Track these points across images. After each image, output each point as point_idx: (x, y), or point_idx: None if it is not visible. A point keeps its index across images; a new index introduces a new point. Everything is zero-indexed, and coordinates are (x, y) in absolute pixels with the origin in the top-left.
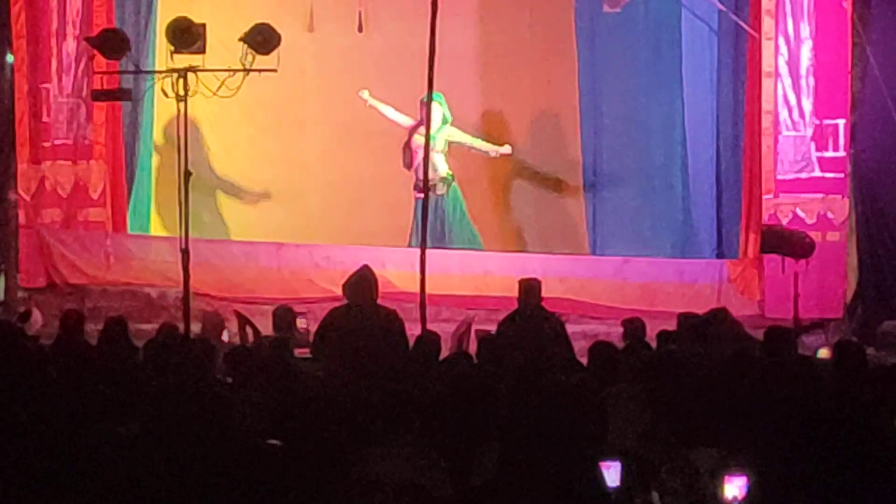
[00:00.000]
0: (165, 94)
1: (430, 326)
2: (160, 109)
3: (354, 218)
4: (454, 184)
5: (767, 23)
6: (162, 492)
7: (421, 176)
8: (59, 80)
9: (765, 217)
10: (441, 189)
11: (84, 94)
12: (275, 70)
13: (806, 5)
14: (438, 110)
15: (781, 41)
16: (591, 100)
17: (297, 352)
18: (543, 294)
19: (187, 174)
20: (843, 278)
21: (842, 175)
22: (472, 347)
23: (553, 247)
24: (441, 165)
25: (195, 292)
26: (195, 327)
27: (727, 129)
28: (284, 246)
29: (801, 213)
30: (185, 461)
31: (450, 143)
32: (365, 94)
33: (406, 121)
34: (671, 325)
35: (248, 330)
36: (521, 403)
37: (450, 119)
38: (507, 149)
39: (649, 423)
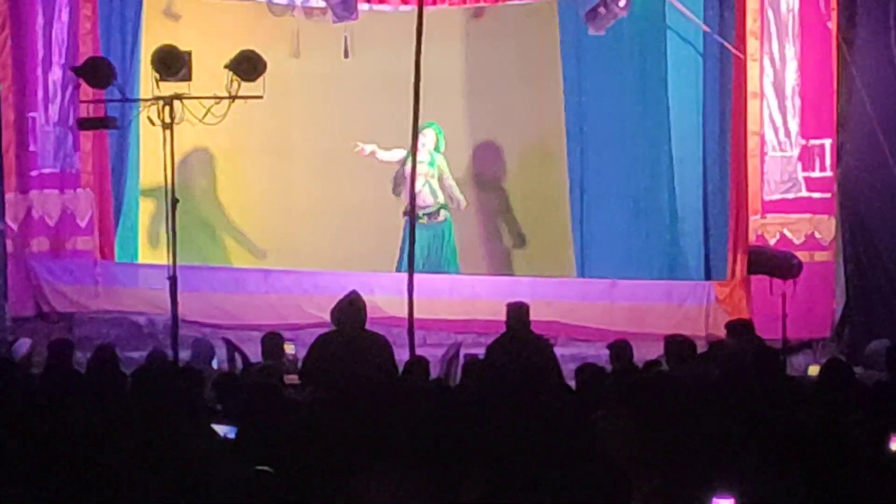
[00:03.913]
0: (152, 122)
1: (418, 351)
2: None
3: (342, 243)
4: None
5: (752, 44)
6: None
7: (419, 202)
8: (46, 108)
9: (752, 238)
10: (442, 216)
11: (70, 122)
12: (261, 97)
13: (791, 26)
14: (433, 137)
15: (767, 62)
16: (577, 122)
17: (286, 378)
18: (532, 317)
19: (174, 201)
20: (831, 298)
21: (829, 195)
22: (461, 372)
23: (541, 270)
24: (438, 192)
25: (184, 320)
26: (184, 355)
27: (713, 150)
28: (272, 272)
29: (788, 234)
30: (173, 489)
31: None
32: (371, 148)
33: (400, 153)
34: (660, 347)
35: (237, 357)
36: (509, 427)
37: (442, 149)
38: (464, 203)
39: (637, 446)
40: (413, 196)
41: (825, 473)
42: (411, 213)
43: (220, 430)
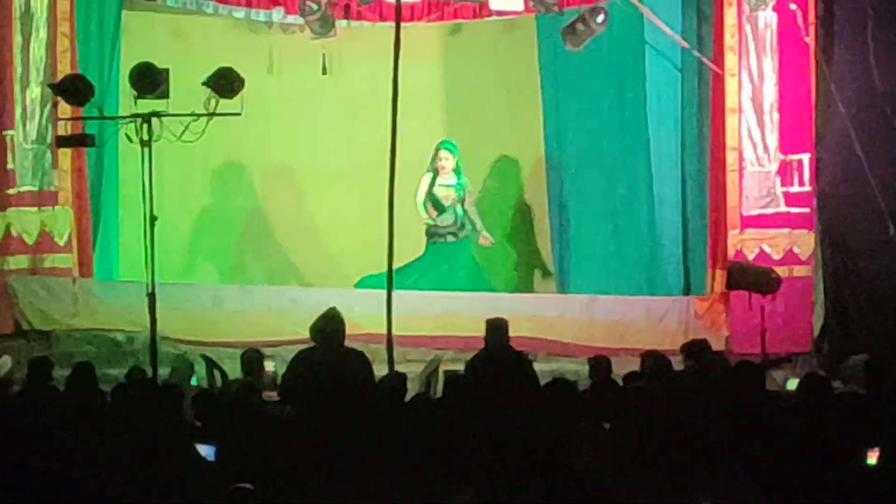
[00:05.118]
0: (129, 140)
1: (398, 367)
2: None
3: (321, 260)
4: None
5: (731, 59)
6: None
7: (441, 223)
8: (24, 126)
9: (731, 253)
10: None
11: (49, 140)
12: (238, 114)
13: (769, 41)
14: (452, 160)
15: (745, 77)
16: (555, 138)
17: (266, 394)
18: (511, 333)
19: (153, 219)
20: (810, 313)
21: (807, 210)
22: (441, 388)
23: (520, 285)
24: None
25: (163, 336)
26: (163, 372)
27: (692, 165)
28: (251, 289)
29: (767, 249)
30: None
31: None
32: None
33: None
34: (639, 363)
35: (216, 373)
36: (488, 442)
37: (462, 167)
38: (487, 240)
39: (615, 460)
40: (392, 216)
41: (804, 487)
42: (389, 232)
43: (201, 450)
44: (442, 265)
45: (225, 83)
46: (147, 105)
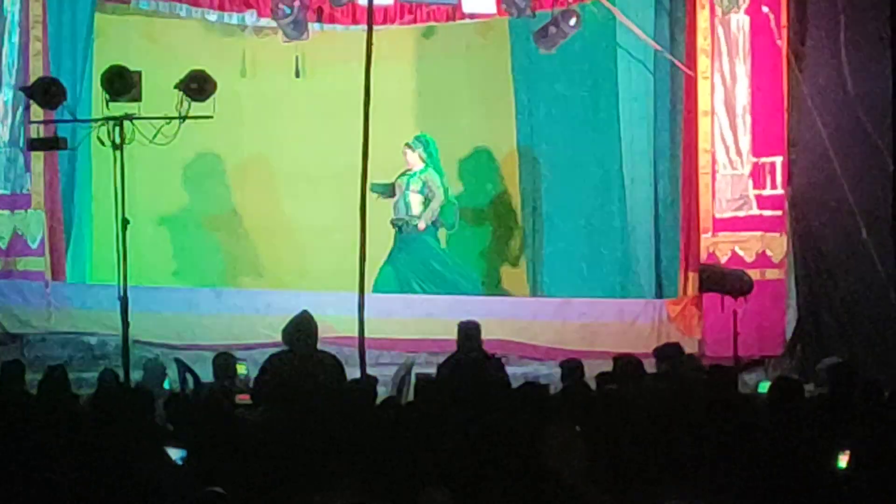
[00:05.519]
0: (102, 143)
1: (371, 371)
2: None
3: (295, 263)
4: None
5: (703, 62)
6: None
7: (399, 214)
8: None
9: (703, 256)
10: (421, 226)
11: (21, 143)
12: (210, 117)
13: (741, 44)
14: (411, 153)
15: (717, 80)
16: (528, 141)
17: (238, 398)
18: (483, 336)
19: (125, 222)
20: (782, 316)
21: (780, 213)
22: (413, 391)
23: (493, 288)
24: (416, 206)
25: (135, 340)
26: (136, 375)
27: (665, 168)
28: (224, 292)
29: (739, 252)
30: None
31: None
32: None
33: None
34: (611, 366)
35: (188, 377)
36: (459, 445)
37: (433, 163)
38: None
39: (587, 463)
40: (364, 214)
41: (775, 490)
42: (361, 233)
43: (172, 454)
44: (410, 255)
45: (197, 86)
46: (119, 108)
